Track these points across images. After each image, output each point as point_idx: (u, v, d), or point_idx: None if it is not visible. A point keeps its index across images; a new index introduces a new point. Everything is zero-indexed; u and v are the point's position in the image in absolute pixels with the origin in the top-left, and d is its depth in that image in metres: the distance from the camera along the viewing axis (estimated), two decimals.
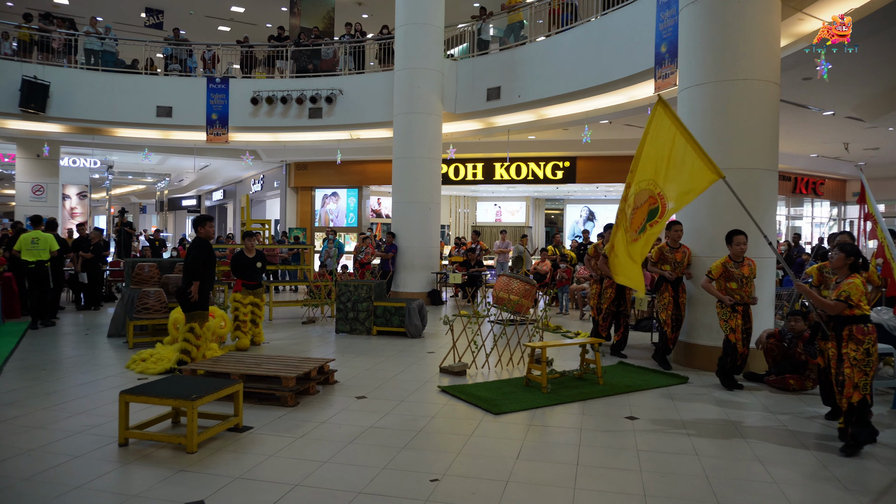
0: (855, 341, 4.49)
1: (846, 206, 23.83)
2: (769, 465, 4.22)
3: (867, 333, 4.48)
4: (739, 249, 6.35)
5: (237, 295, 8.03)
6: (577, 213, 23.98)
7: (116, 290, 14.11)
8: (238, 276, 8.09)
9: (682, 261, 7.21)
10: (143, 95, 15.25)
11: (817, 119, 14.34)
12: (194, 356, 6.38)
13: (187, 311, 6.44)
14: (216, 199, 29.15)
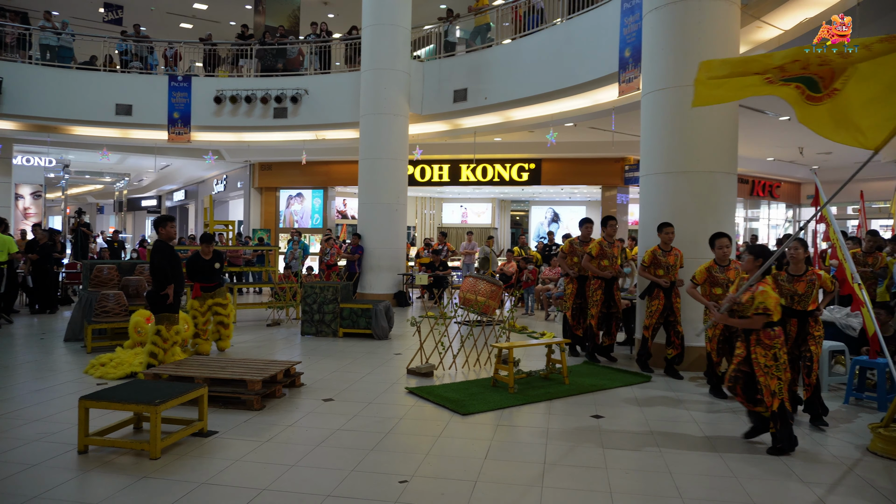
0: (763, 346, 4.51)
1: (801, 208, 24.59)
2: (729, 459, 4.34)
3: (774, 337, 4.51)
4: (722, 253, 6.24)
5: (195, 303, 7.64)
6: (543, 215, 24.20)
7: (73, 293, 13.73)
8: (195, 279, 7.69)
9: (674, 264, 6.99)
10: (102, 93, 14.87)
11: (774, 124, 14.77)
12: (161, 359, 6.25)
13: (156, 314, 6.32)
14: (177, 200, 28.57)
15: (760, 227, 23.94)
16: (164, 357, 6.26)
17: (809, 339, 5.12)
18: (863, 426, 5.11)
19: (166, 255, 6.32)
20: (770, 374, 4.49)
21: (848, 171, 21.12)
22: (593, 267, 7.60)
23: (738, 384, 4.64)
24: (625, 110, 12.47)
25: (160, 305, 6.28)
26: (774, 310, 4.49)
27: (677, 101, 7.33)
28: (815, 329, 5.15)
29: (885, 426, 4.54)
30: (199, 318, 7.61)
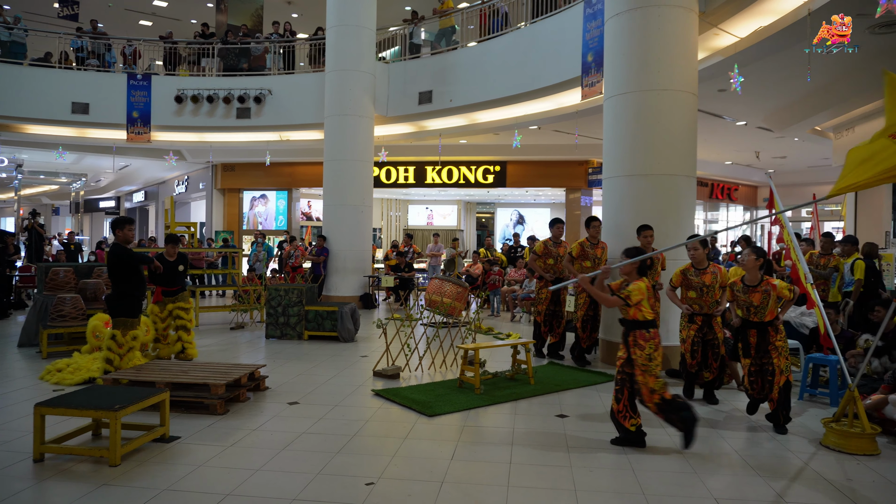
0: (638, 346, 4.54)
1: (758, 210, 25.27)
2: (690, 456, 4.44)
3: (649, 339, 4.53)
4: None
5: (155, 308, 7.32)
6: (508, 217, 24.38)
7: (27, 296, 13.31)
8: (157, 282, 7.35)
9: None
10: (57, 90, 14.45)
11: (731, 129, 15.18)
12: (118, 365, 6.09)
13: (114, 318, 6.16)
14: (137, 201, 27.92)
15: (719, 229, 24.51)
16: (120, 363, 6.10)
17: (771, 350, 5.01)
18: (816, 421, 5.29)
19: (123, 260, 6.14)
20: (648, 372, 4.51)
21: (801, 175, 21.84)
22: (575, 269, 7.43)
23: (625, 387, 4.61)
24: (588, 114, 12.66)
25: (119, 310, 6.12)
26: (639, 304, 4.50)
27: (638, 106, 7.48)
28: (776, 339, 5.03)
29: (836, 421, 4.72)
30: (158, 324, 7.31)
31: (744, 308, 5.13)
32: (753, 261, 5.04)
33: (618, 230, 7.63)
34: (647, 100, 7.45)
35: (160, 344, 7.37)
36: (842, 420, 4.70)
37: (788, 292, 5.01)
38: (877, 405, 4.94)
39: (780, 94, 12.40)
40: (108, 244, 17.08)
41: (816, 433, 4.98)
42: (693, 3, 7.67)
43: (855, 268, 7.75)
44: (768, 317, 5.04)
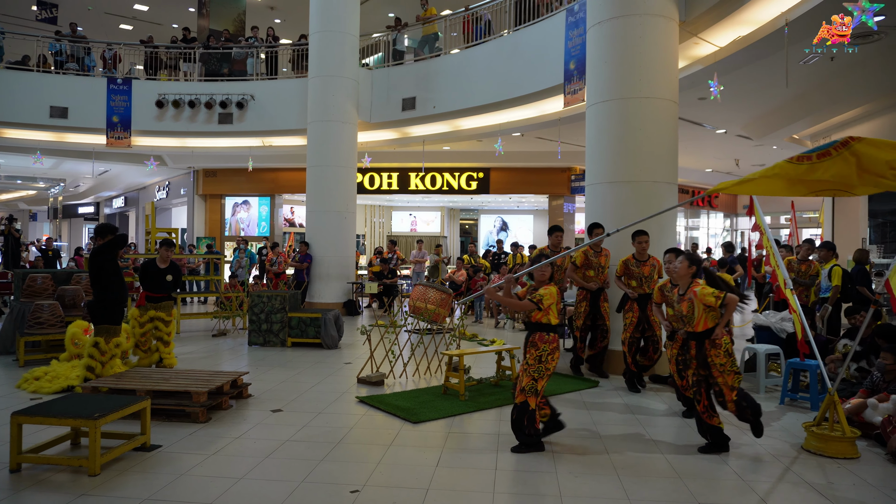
0: (534, 346, 4.54)
1: (738, 217, 25.61)
2: (674, 461, 4.47)
3: (547, 342, 4.53)
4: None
5: (135, 312, 7.09)
6: (491, 224, 24.44)
7: (3, 303, 13.05)
8: (145, 287, 7.22)
9: (650, 275, 6.68)
10: (35, 94, 14.24)
11: (711, 136, 15.38)
12: (99, 373, 6.00)
13: (96, 325, 6.05)
14: (117, 207, 27.57)
15: (700, 236, 24.81)
16: (101, 371, 6.01)
17: (712, 367, 4.67)
18: (797, 425, 5.35)
19: (106, 259, 6.03)
20: (527, 371, 4.53)
21: None
22: (577, 277, 7.31)
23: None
24: (570, 121, 12.76)
25: (101, 316, 6.02)
26: (548, 309, 4.51)
27: (620, 113, 7.55)
28: (713, 355, 4.65)
29: (817, 425, 4.78)
30: (136, 329, 7.05)
31: (678, 318, 4.94)
32: (686, 268, 4.78)
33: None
34: (629, 107, 7.52)
35: (139, 351, 7.10)
36: (822, 424, 4.75)
37: (714, 299, 4.55)
38: (856, 409, 5.01)
39: (759, 103, 12.60)
40: (87, 250, 16.84)
41: (797, 437, 5.04)
42: (673, 13, 7.78)
43: (832, 274, 7.86)
44: (700, 327, 4.67)
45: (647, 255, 6.78)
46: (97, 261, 5.99)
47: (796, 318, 5.64)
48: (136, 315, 7.10)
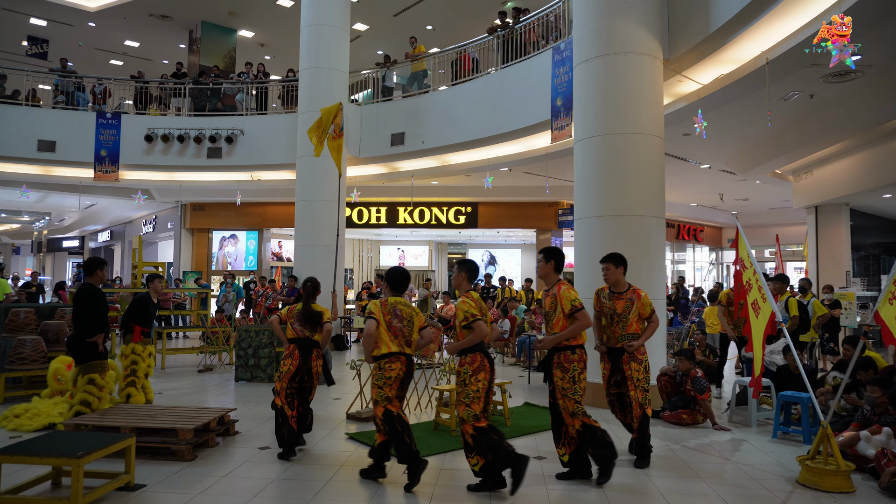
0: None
1: (723, 251, 25.86)
2: (669, 494, 4.41)
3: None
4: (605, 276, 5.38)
5: (137, 347, 6.87)
6: (479, 258, 24.48)
7: None
8: (141, 323, 6.96)
9: (624, 314, 5.15)
10: (23, 128, 14.21)
11: (696, 171, 15.62)
12: (95, 408, 5.87)
13: (82, 362, 5.88)
14: (102, 241, 27.34)
15: (687, 270, 24.99)
16: (98, 405, 5.90)
17: (629, 381, 4.88)
18: (791, 459, 5.32)
19: (102, 301, 5.96)
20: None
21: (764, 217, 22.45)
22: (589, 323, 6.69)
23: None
24: (557, 156, 12.92)
25: (90, 353, 5.87)
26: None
27: (607, 148, 7.67)
28: (629, 367, 4.84)
29: (811, 458, 4.75)
30: (140, 364, 6.85)
31: (608, 316, 5.11)
32: (544, 265, 4.91)
33: (589, 270, 7.72)
34: (616, 142, 7.65)
35: (132, 389, 6.78)
36: (816, 457, 4.73)
37: (569, 304, 4.57)
38: (849, 442, 5.00)
39: (742, 139, 12.85)
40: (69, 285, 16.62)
41: (792, 471, 5.01)
42: (657, 51, 7.97)
43: (789, 305, 7.98)
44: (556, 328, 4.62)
45: (625, 284, 5.29)
46: (83, 296, 5.89)
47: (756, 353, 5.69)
48: (140, 350, 6.87)
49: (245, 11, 17.36)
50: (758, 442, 5.99)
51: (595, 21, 7.91)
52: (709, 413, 6.59)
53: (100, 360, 5.93)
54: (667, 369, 7.01)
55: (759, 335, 5.82)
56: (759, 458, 5.41)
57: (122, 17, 17.18)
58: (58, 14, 16.95)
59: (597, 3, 7.91)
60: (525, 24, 12.23)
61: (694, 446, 5.81)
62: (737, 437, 6.20)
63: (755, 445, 5.86)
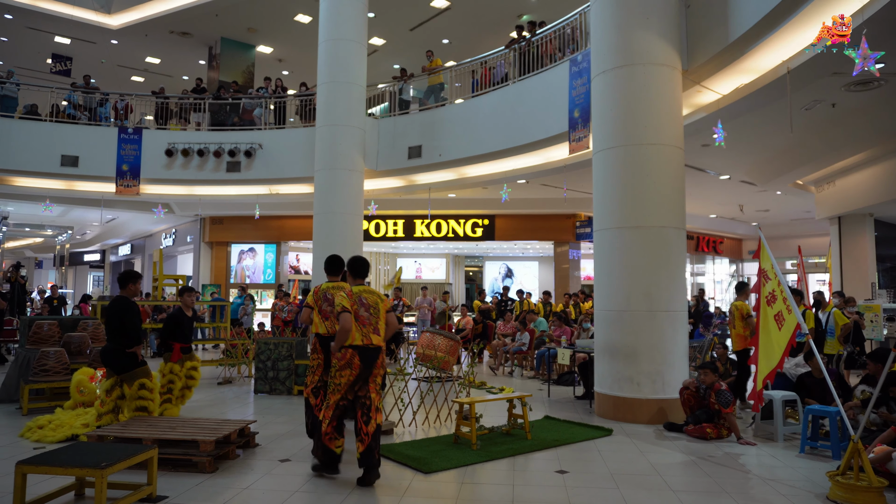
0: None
1: (743, 263, 25.56)
2: None
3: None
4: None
5: (175, 366, 6.83)
6: (497, 270, 24.44)
7: (7, 350, 12.98)
8: (176, 338, 6.91)
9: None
10: (47, 143, 14.46)
11: (715, 182, 15.48)
12: (152, 411, 5.98)
13: (122, 373, 5.94)
14: (122, 254, 27.68)
15: (706, 282, 24.71)
16: (154, 409, 6.02)
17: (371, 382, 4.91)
18: (820, 475, 5.20)
19: (132, 313, 6.00)
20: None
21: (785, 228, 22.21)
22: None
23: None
24: (575, 168, 12.87)
25: (131, 363, 5.94)
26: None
27: (627, 159, 7.63)
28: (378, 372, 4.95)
29: (841, 474, 4.64)
30: (177, 382, 6.86)
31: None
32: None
33: (609, 281, 7.66)
34: (635, 153, 7.60)
35: (168, 404, 6.80)
36: (847, 473, 4.62)
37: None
38: (881, 459, 4.87)
39: (762, 149, 12.73)
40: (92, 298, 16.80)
41: (821, 487, 4.89)
42: (676, 62, 7.93)
43: (805, 318, 7.86)
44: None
45: None
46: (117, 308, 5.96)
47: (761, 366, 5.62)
48: (177, 370, 6.89)
49: (264, 28, 17.60)
50: (785, 457, 5.87)
51: (613, 32, 7.91)
52: (734, 427, 6.47)
53: (142, 369, 6.03)
54: (690, 382, 6.90)
55: (781, 348, 5.71)
56: (787, 474, 5.30)
57: (144, 34, 17.50)
58: (81, 32, 17.31)
59: (614, 15, 7.90)
60: (542, 37, 12.26)
61: (719, 461, 5.70)
62: (763, 451, 6.07)
63: (782, 460, 5.74)
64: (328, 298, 5.33)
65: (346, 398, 4.90)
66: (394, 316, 5.15)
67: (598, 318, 7.84)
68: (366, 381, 4.89)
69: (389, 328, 5.06)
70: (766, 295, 6.27)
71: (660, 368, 7.21)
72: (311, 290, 5.38)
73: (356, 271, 5.19)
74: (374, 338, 4.90)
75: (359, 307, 4.88)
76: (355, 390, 4.89)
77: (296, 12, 16.44)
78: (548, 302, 14.53)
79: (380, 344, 4.94)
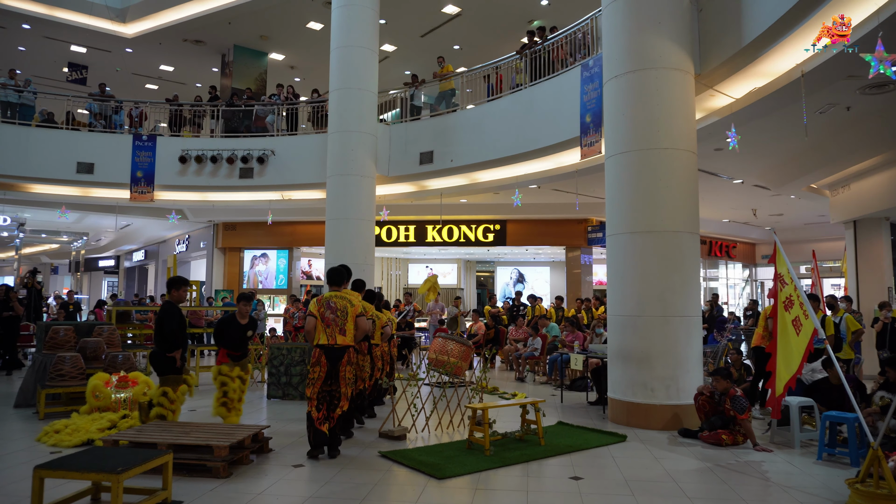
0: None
1: (757, 267, 25.36)
2: None
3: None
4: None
5: (224, 367, 6.82)
6: (508, 275, 24.37)
7: (24, 356, 13.10)
8: (223, 344, 6.85)
9: None
10: (63, 151, 14.63)
11: (728, 187, 15.38)
12: (170, 420, 6.09)
13: (162, 375, 6.15)
14: (136, 260, 27.91)
15: (720, 287, 24.54)
16: (172, 418, 6.11)
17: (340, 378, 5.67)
18: (839, 482, 5.13)
19: (177, 318, 6.17)
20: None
21: (799, 232, 22.02)
22: None
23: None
24: (586, 173, 12.83)
25: (167, 367, 6.11)
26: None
27: (639, 164, 7.60)
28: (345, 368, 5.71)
29: (861, 481, 4.57)
30: (230, 385, 6.81)
31: None
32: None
33: (622, 286, 7.63)
34: (648, 158, 7.57)
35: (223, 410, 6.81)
36: (867, 481, 4.55)
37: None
38: None
39: (775, 153, 12.63)
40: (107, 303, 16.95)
41: (840, 495, 4.83)
42: (689, 66, 7.91)
43: (825, 324, 7.78)
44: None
45: None
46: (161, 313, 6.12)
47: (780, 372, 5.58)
48: (227, 371, 6.85)
49: (276, 35, 17.72)
50: (802, 464, 5.80)
51: (625, 37, 7.89)
52: (749, 433, 6.41)
53: (175, 375, 6.15)
54: (704, 388, 6.85)
55: (800, 353, 5.68)
56: (805, 481, 5.24)
57: (158, 42, 17.67)
58: (97, 41, 17.51)
59: (626, 20, 7.89)
60: (553, 42, 12.26)
61: (735, 468, 5.64)
62: (779, 458, 6.01)
63: (799, 467, 5.68)
64: (331, 306, 5.70)
65: (323, 390, 5.65)
66: (364, 320, 5.83)
67: (611, 323, 7.80)
68: (335, 377, 5.63)
69: (358, 331, 5.76)
70: (783, 300, 6.22)
71: (674, 374, 7.16)
72: (314, 299, 5.70)
73: (330, 279, 5.91)
74: (340, 338, 5.63)
75: (325, 310, 5.63)
76: (329, 384, 5.63)
77: (308, 20, 16.54)
78: (560, 307, 14.48)
79: (345, 343, 5.66)
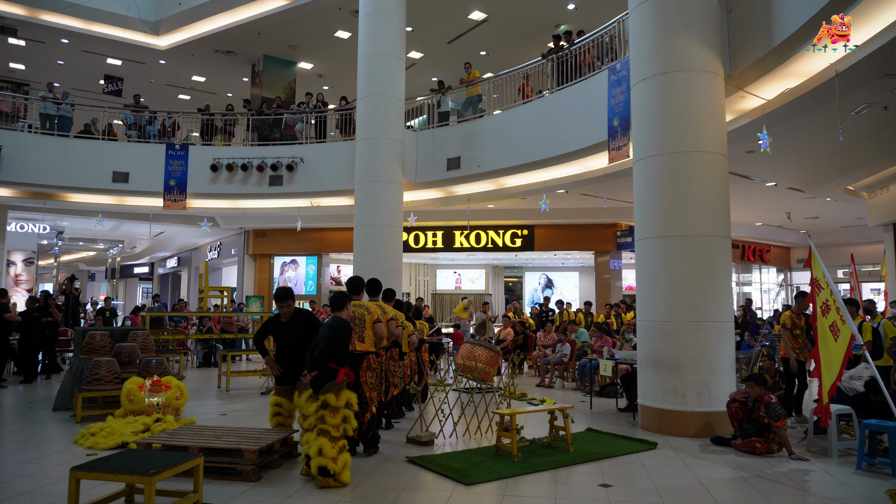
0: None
1: (792, 272, 24.81)
2: None
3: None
4: None
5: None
6: (536, 281, 24.27)
7: (62, 360, 13.45)
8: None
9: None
10: (99, 161, 15.04)
11: (760, 190, 15.11)
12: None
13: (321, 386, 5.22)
14: (170, 267, 28.50)
15: (753, 291, 24.09)
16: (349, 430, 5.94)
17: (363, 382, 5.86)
18: (879, 493, 4.98)
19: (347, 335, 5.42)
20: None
21: (835, 235, 21.55)
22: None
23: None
24: (615, 177, 12.73)
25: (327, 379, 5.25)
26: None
27: (669, 168, 7.50)
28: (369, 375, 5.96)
29: None
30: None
31: None
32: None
33: (652, 291, 7.53)
34: (677, 161, 7.47)
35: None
36: None
37: None
38: None
39: (809, 155, 12.37)
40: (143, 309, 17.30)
41: None
42: (718, 68, 7.79)
43: (862, 330, 7.55)
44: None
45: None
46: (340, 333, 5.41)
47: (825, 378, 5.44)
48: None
49: (304, 44, 17.97)
50: (840, 473, 5.64)
51: (652, 40, 7.81)
52: (785, 441, 6.25)
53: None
54: (738, 394, 6.71)
55: (839, 359, 5.55)
56: (843, 492, 5.09)
57: (190, 53, 18.07)
58: (132, 53, 17.97)
59: (654, 22, 7.81)
60: (580, 46, 12.20)
61: (770, 477, 5.51)
62: (816, 467, 5.85)
63: (837, 477, 5.52)
64: (350, 315, 5.88)
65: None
66: (380, 326, 6.01)
67: (641, 328, 7.70)
68: (357, 382, 5.75)
69: (376, 336, 5.99)
70: (821, 305, 6.09)
71: (706, 380, 7.04)
72: None
73: (349, 288, 6.18)
74: (359, 344, 5.88)
75: None
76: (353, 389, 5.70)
77: (336, 28, 16.74)
78: (589, 312, 14.35)
79: (364, 349, 5.92)
